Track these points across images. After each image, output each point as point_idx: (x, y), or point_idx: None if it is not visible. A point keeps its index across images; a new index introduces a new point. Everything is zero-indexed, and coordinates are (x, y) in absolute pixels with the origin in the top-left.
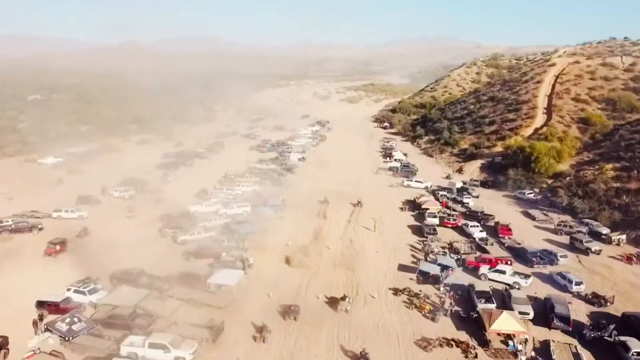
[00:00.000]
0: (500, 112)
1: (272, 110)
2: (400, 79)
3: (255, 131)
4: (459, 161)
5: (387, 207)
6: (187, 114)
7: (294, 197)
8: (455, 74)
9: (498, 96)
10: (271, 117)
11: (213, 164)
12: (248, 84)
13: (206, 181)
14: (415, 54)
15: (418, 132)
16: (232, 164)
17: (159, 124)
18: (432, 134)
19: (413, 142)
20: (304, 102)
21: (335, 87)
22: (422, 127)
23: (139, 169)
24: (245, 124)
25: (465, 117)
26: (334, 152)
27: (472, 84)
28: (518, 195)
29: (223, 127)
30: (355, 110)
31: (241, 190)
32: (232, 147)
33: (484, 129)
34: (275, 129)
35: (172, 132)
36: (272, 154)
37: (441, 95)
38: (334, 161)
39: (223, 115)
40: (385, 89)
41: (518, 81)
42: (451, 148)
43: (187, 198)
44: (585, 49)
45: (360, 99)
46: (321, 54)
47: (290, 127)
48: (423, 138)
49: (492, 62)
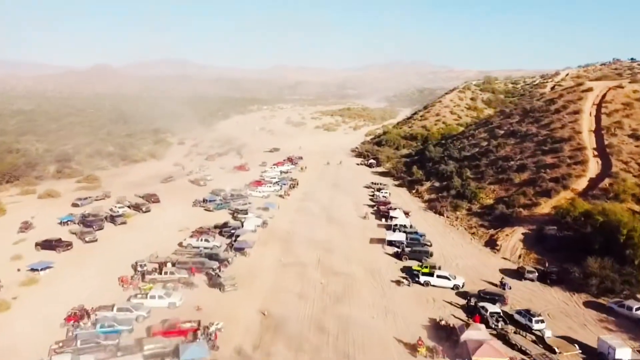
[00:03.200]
0: (531, 153)
1: (238, 141)
2: (376, 102)
3: (208, 174)
4: (485, 226)
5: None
6: (130, 148)
7: (234, 329)
8: (448, 99)
9: (521, 130)
10: (234, 150)
11: (127, 237)
12: (215, 110)
13: (97, 285)
14: (388, 78)
15: (416, 176)
16: (157, 238)
17: (87, 163)
18: (435, 179)
19: (410, 189)
20: (275, 131)
21: (310, 112)
22: (420, 167)
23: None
24: (200, 161)
25: (478, 157)
26: (307, 209)
27: (468, 111)
28: (616, 309)
29: (170, 166)
30: (333, 139)
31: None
32: (170, 201)
33: (512, 177)
34: (234, 172)
35: (100, 176)
36: (223, 213)
37: (434, 124)
38: (307, 226)
39: (176, 149)
40: (362, 113)
41: (545, 111)
42: (467, 202)
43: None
44: (589, 71)
45: (337, 125)
46: (296, 78)
47: (254, 164)
48: (424, 184)
49: (487, 87)
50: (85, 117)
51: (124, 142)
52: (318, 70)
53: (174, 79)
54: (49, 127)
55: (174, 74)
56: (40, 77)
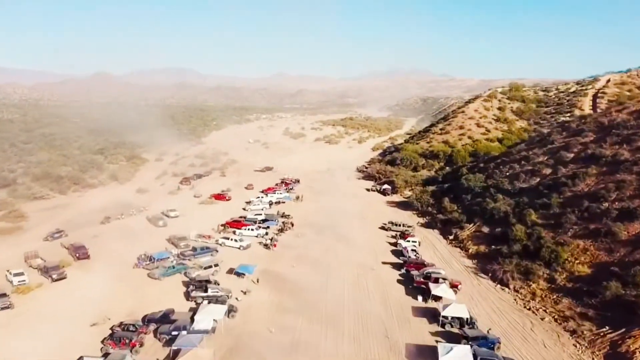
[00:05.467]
0: (635, 191)
1: (226, 157)
2: (378, 111)
3: (172, 210)
4: (591, 317)
5: None
6: (91, 168)
7: None
8: (471, 109)
9: (605, 154)
10: (219, 169)
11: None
12: (210, 119)
13: None
14: (389, 87)
15: (452, 214)
16: (50, 343)
17: (26, 190)
18: (480, 220)
19: (445, 233)
20: (270, 144)
21: (310, 122)
22: (453, 199)
23: None
24: (171, 186)
25: (544, 191)
26: (300, 280)
27: (497, 123)
28: None
29: (132, 192)
30: (335, 154)
31: None
32: (105, 257)
33: (614, 229)
34: (210, 202)
35: (29, 211)
36: (175, 282)
37: (458, 139)
38: (298, 322)
39: (152, 167)
40: (365, 123)
41: (636, 127)
42: (545, 267)
43: None
44: (632, 76)
45: (339, 137)
46: (297, 86)
47: (239, 188)
48: (465, 227)
49: (516, 94)
50: (64, 128)
51: (89, 159)
52: (319, 79)
53: (173, 87)
54: (17, 138)
55: (174, 83)
56: (40, 85)
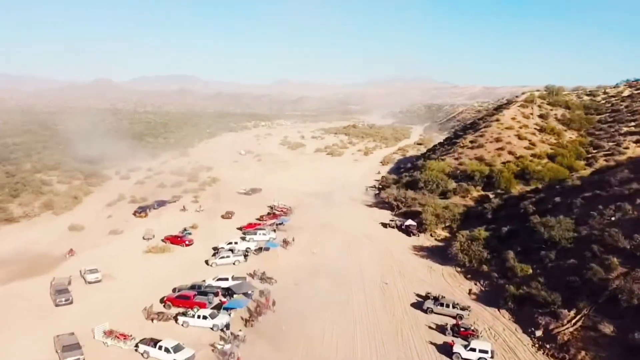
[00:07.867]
0: None
1: (207, 174)
2: (382, 118)
3: (91, 270)
4: None
5: None
6: (23, 192)
7: None
8: (508, 117)
9: None
10: (192, 192)
11: None
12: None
13: None
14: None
15: (531, 286)
16: None
17: None
18: (587, 301)
19: (521, 320)
20: (263, 157)
21: (311, 130)
22: (523, 256)
23: None
24: (119, 220)
25: None
26: None
27: (542, 134)
28: None
29: (60, 231)
30: (338, 169)
31: None
32: None
33: None
34: (161, 254)
35: None
36: None
37: (496, 155)
38: None
39: (108, 189)
40: (370, 132)
41: None
42: None
43: None
44: None
45: (343, 147)
46: (299, 93)
47: (211, 220)
48: (562, 314)
49: (559, 99)
50: (37, 137)
51: (37, 178)
52: (320, 86)
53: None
54: None
55: (175, 89)
56: (40, 92)
